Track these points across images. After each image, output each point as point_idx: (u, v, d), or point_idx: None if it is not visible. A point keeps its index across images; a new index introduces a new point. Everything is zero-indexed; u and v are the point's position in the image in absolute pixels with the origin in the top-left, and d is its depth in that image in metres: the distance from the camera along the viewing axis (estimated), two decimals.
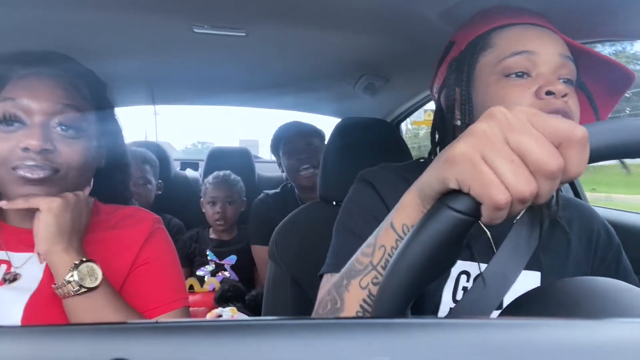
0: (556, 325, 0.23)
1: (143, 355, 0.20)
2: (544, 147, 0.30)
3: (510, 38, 0.61)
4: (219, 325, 0.22)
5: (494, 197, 0.30)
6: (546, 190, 0.31)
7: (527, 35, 0.60)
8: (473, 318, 0.24)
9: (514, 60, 0.59)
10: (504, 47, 0.61)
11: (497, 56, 0.61)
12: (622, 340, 0.22)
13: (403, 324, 0.23)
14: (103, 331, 0.22)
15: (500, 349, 0.21)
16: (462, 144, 0.33)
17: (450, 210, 0.32)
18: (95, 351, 0.20)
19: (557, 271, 0.66)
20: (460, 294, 0.63)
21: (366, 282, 0.44)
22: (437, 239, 0.32)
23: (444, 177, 0.34)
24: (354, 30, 0.94)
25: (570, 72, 0.60)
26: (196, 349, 0.20)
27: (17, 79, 0.62)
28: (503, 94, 0.59)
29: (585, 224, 0.71)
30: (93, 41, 0.68)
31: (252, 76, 1.39)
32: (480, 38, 0.64)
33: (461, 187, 0.33)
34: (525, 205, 0.32)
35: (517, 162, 0.31)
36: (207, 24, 0.90)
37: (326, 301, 0.49)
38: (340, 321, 0.24)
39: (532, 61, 0.59)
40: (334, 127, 1.06)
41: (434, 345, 0.21)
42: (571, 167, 0.31)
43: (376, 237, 0.46)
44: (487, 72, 0.62)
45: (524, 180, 0.30)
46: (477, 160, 0.32)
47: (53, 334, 0.21)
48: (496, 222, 0.32)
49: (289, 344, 0.21)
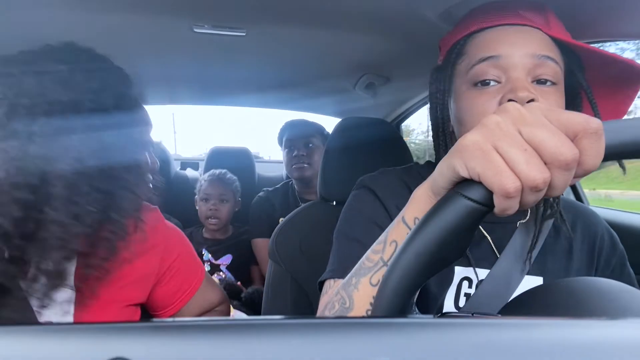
0: (557, 325, 0.23)
1: (143, 354, 0.20)
2: (558, 138, 0.30)
3: (480, 44, 0.59)
4: (219, 324, 0.22)
5: (503, 184, 0.30)
6: (561, 181, 0.31)
7: (497, 39, 0.57)
8: (473, 318, 0.24)
9: (480, 68, 0.57)
10: (473, 54, 0.59)
11: (467, 64, 0.59)
12: (623, 340, 0.22)
13: (403, 323, 0.23)
14: (103, 330, 0.22)
15: (501, 348, 0.21)
16: (474, 134, 0.33)
17: (463, 198, 0.32)
18: (95, 350, 0.20)
19: (559, 276, 0.65)
20: (462, 300, 0.62)
21: (377, 279, 0.44)
22: (448, 226, 0.32)
23: (454, 164, 0.34)
24: (354, 30, 0.94)
25: (549, 72, 0.55)
26: (196, 347, 0.20)
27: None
28: (469, 104, 0.57)
29: (589, 228, 0.70)
30: (92, 41, 0.67)
31: (252, 76, 1.39)
32: (455, 45, 0.63)
33: (471, 175, 0.32)
34: (539, 195, 0.31)
35: (530, 152, 0.31)
36: (207, 23, 0.90)
37: (333, 302, 0.49)
38: (341, 321, 0.24)
39: (500, 66, 0.56)
40: (334, 127, 1.06)
41: (434, 345, 0.21)
42: (587, 159, 0.30)
43: (387, 233, 0.45)
44: (460, 81, 0.61)
45: (537, 168, 0.30)
46: (488, 149, 0.32)
47: (53, 332, 0.21)
48: (508, 213, 0.32)
49: (288, 344, 0.21)
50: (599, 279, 0.39)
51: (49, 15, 0.84)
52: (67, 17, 0.85)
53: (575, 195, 1.35)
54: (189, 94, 1.72)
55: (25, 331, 0.22)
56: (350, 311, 0.45)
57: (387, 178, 0.71)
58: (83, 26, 0.89)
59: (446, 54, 0.65)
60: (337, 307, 0.47)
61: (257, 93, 1.65)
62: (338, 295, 0.48)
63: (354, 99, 1.57)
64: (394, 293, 0.33)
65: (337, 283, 0.59)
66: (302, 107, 2.01)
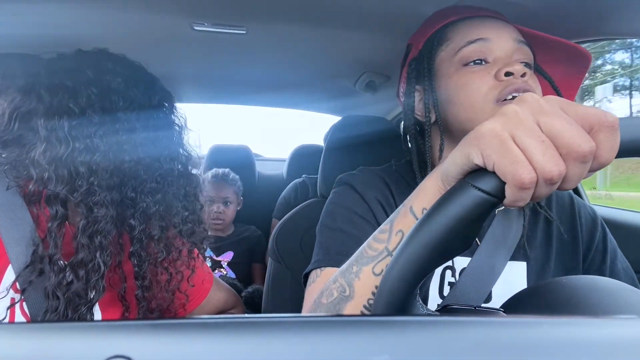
0: (557, 323, 0.23)
1: (143, 352, 0.20)
2: (576, 130, 0.30)
3: (464, 29, 0.62)
4: (219, 322, 0.22)
5: (519, 175, 0.30)
6: (576, 174, 0.31)
7: (480, 25, 0.62)
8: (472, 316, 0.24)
9: (469, 49, 0.60)
10: (459, 38, 0.62)
11: (453, 48, 0.62)
12: (624, 338, 0.22)
13: (403, 321, 0.23)
14: (104, 328, 0.22)
15: (500, 346, 0.21)
16: (492, 122, 0.33)
17: (473, 189, 0.31)
18: (96, 348, 0.20)
19: (542, 260, 0.66)
20: (446, 289, 0.63)
21: (380, 268, 0.43)
22: (456, 217, 0.31)
23: (469, 152, 0.33)
24: (355, 28, 0.93)
25: (526, 56, 0.61)
26: (196, 345, 0.20)
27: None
28: (464, 81, 0.59)
29: (565, 208, 0.71)
30: (92, 38, 0.67)
31: (252, 74, 1.38)
32: (435, 34, 0.65)
33: (485, 163, 0.32)
34: (552, 187, 0.31)
35: (547, 143, 0.30)
36: (207, 21, 0.90)
37: (331, 289, 0.48)
38: (341, 319, 0.24)
39: (488, 47, 0.60)
40: (334, 124, 1.06)
41: (433, 344, 0.21)
42: (602, 152, 0.30)
43: (392, 222, 0.45)
44: (446, 65, 0.63)
45: (553, 161, 0.30)
46: (505, 137, 0.31)
47: (54, 331, 0.21)
48: (518, 204, 0.31)
49: (289, 341, 0.21)
50: (599, 278, 0.39)
51: (46, 10, 0.83)
52: (66, 13, 0.85)
53: (575, 192, 1.35)
54: (189, 93, 1.72)
55: (26, 329, 0.22)
56: (351, 300, 0.45)
57: (365, 175, 0.72)
58: (80, 23, 0.88)
59: (425, 43, 0.67)
60: (335, 295, 0.47)
61: (257, 91, 1.65)
62: (337, 282, 0.47)
63: (354, 96, 1.57)
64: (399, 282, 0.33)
65: (325, 272, 0.59)
66: (302, 105, 2.01)
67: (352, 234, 0.62)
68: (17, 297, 0.56)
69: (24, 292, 0.55)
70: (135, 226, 0.63)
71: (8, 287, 0.55)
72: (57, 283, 0.56)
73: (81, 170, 0.57)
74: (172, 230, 0.68)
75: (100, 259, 0.58)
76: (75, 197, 0.57)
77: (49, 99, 0.58)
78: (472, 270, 0.60)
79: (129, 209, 0.63)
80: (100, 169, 0.58)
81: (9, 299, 0.56)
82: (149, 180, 0.64)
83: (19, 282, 0.55)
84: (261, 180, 2.16)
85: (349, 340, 0.21)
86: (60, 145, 0.56)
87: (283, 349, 0.20)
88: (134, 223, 0.63)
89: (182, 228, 0.69)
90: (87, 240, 0.57)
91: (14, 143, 0.58)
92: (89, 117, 0.58)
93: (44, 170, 0.56)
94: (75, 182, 0.57)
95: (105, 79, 0.62)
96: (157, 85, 0.70)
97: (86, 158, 0.57)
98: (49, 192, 0.56)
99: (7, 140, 0.58)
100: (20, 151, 0.57)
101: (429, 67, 0.64)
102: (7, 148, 0.58)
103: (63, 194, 0.56)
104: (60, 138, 0.56)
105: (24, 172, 0.57)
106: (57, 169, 0.56)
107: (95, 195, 0.57)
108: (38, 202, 0.58)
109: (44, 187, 0.56)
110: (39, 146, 0.56)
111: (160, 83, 0.71)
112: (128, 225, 0.63)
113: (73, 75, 0.60)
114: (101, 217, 0.58)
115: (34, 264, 0.55)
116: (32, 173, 0.56)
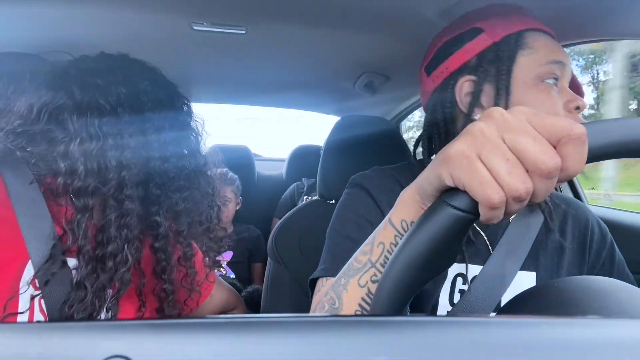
0: (555, 324, 0.23)
1: (142, 352, 0.20)
2: (540, 146, 0.30)
3: (547, 44, 0.62)
4: (218, 322, 0.22)
5: (488, 196, 0.30)
6: (543, 189, 0.31)
7: (557, 47, 0.62)
8: (471, 316, 0.24)
9: (552, 67, 0.60)
10: (543, 53, 0.61)
11: (537, 60, 0.61)
12: (621, 339, 0.22)
13: (401, 322, 0.23)
14: (103, 328, 0.22)
15: (499, 347, 0.21)
16: (459, 143, 0.33)
17: (450, 207, 0.32)
18: (95, 348, 0.20)
19: (552, 271, 0.66)
20: (457, 296, 0.63)
21: (365, 280, 0.44)
22: (436, 235, 0.32)
23: (439, 173, 0.34)
24: (354, 29, 0.93)
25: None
26: (195, 345, 0.20)
27: None
28: (543, 97, 0.60)
29: (579, 221, 0.71)
30: (90, 38, 0.67)
31: (251, 74, 1.38)
32: (517, 35, 0.62)
33: (456, 184, 0.33)
34: (522, 204, 0.32)
35: (512, 161, 0.31)
36: (207, 21, 0.90)
37: (323, 302, 0.49)
38: (339, 319, 0.24)
39: (562, 72, 0.61)
40: (334, 125, 1.06)
41: (432, 344, 0.21)
42: (570, 164, 0.31)
43: (374, 235, 0.45)
44: (525, 73, 0.61)
45: (519, 179, 0.30)
46: (473, 159, 0.32)
47: (53, 331, 0.21)
48: (494, 222, 0.32)
49: (287, 342, 0.21)
50: (598, 278, 0.39)
51: (45, 11, 0.83)
52: (65, 13, 0.85)
53: (572, 191, 1.35)
54: (188, 93, 1.72)
55: (26, 328, 0.22)
56: (340, 312, 0.46)
57: (380, 176, 0.71)
58: (80, 22, 0.88)
59: (504, 38, 0.63)
60: (326, 307, 0.48)
61: (257, 91, 1.65)
62: (328, 295, 0.48)
63: (353, 97, 1.57)
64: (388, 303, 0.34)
65: (329, 281, 0.59)
66: (302, 106, 2.01)
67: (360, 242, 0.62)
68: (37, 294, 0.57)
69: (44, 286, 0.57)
70: (161, 222, 0.65)
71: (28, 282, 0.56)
72: (87, 274, 0.58)
73: (111, 164, 0.59)
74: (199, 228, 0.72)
75: (128, 251, 0.60)
76: (107, 189, 0.59)
77: (80, 96, 0.60)
78: (484, 278, 0.60)
79: (153, 206, 0.65)
80: (130, 165, 0.60)
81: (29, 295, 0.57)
82: (177, 178, 0.66)
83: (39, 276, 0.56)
84: (260, 180, 2.16)
85: (347, 340, 0.21)
86: (91, 140, 0.58)
87: (282, 348, 0.20)
88: (160, 220, 0.65)
89: (208, 225, 0.73)
90: (117, 232, 0.59)
91: (41, 138, 0.59)
92: (119, 115, 0.60)
93: (74, 163, 0.57)
94: (106, 175, 0.59)
95: (133, 80, 0.65)
96: (176, 89, 0.74)
97: (116, 153, 0.59)
98: (77, 185, 0.58)
99: (34, 135, 0.59)
100: (48, 145, 0.59)
101: (509, 67, 0.61)
102: (32, 142, 0.59)
103: (93, 186, 0.58)
104: (91, 133, 0.58)
105: (50, 166, 0.58)
106: (87, 162, 0.58)
107: (126, 189, 0.60)
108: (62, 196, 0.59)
109: (72, 181, 0.58)
110: (70, 140, 0.58)
111: (178, 88, 0.74)
112: (154, 222, 0.65)
113: (103, 75, 0.63)
114: (130, 210, 0.60)
115: (55, 257, 0.56)
116: (61, 166, 0.57)
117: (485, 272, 0.60)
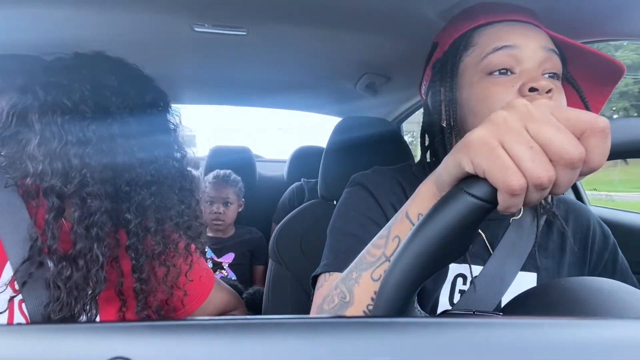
0: (557, 325, 0.23)
1: (143, 353, 0.20)
2: (565, 136, 0.30)
3: (492, 34, 0.59)
4: (219, 323, 0.22)
5: (508, 182, 0.30)
6: (566, 180, 0.31)
7: (509, 31, 0.58)
8: (473, 317, 0.24)
9: (495, 57, 0.57)
10: (485, 44, 0.59)
11: (479, 54, 0.59)
12: (624, 340, 0.22)
13: (403, 323, 0.23)
14: (104, 330, 0.22)
15: (501, 347, 0.21)
16: (481, 129, 0.33)
17: (467, 195, 0.32)
18: (96, 349, 0.20)
19: (553, 272, 0.65)
20: (457, 296, 0.62)
21: (378, 274, 0.43)
22: (450, 224, 0.31)
23: (460, 159, 0.34)
24: (355, 29, 0.93)
25: (555, 66, 0.57)
26: (196, 347, 0.20)
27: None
28: (487, 92, 0.57)
29: (581, 223, 0.70)
30: (92, 39, 0.68)
31: (253, 75, 1.39)
32: (462, 37, 0.63)
33: (476, 170, 0.32)
34: (543, 193, 0.31)
35: (536, 149, 0.30)
36: (208, 22, 0.90)
37: (332, 296, 0.48)
38: (341, 320, 0.24)
39: (515, 56, 0.56)
40: (335, 126, 1.06)
41: (434, 345, 0.21)
42: (592, 157, 0.30)
43: (390, 228, 0.45)
44: (471, 71, 0.60)
45: (542, 167, 0.30)
46: (494, 144, 0.31)
47: (54, 332, 0.21)
48: (511, 211, 0.32)
49: (289, 343, 0.21)
50: (599, 279, 0.39)
51: (46, 12, 0.84)
52: (66, 15, 0.85)
53: (575, 194, 1.35)
54: (189, 94, 1.72)
55: (27, 330, 0.22)
56: (351, 306, 0.45)
57: (380, 176, 0.71)
58: (81, 24, 0.89)
59: (450, 46, 0.64)
60: (336, 301, 0.47)
61: (258, 93, 1.65)
62: (337, 289, 0.48)
63: (354, 98, 1.57)
64: (396, 290, 0.33)
65: (333, 277, 0.59)
66: (303, 107, 2.01)
67: (363, 238, 0.60)
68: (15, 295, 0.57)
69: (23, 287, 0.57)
70: (131, 220, 0.64)
71: (6, 283, 0.57)
72: (58, 273, 0.57)
73: (74, 163, 0.58)
74: (169, 223, 0.70)
75: (98, 250, 0.60)
76: (69, 188, 0.58)
77: (43, 96, 0.60)
78: (484, 279, 0.60)
79: (124, 203, 0.64)
80: (92, 161, 0.59)
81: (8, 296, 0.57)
82: (144, 174, 0.65)
83: (17, 277, 0.56)
84: (262, 181, 2.16)
85: (349, 341, 0.21)
86: (54, 139, 0.58)
87: (283, 350, 0.20)
88: (129, 217, 0.64)
89: (178, 221, 0.71)
90: (84, 231, 0.59)
91: (11, 140, 0.59)
92: (81, 112, 0.60)
93: (39, 164, 0.57)
94: (69, 174, 0.58)
95: (99, 75, 0.64)
96: (150, 84, 0.72)
97: (79, 151, 0.59)
98: (45, 185, 0.58)
99: (5, 138, 0.60)
100: (17, 147, 0.59)
101: (452, 71, 0.62)
102: (5, 146, 0.60)
103: (58, 186, 0.58)
104: (54, 132, 0.58)
105: (21, 168, 0.58)
106: (52, 162, 0.58)
107: (87, 186, 0.59)
108: (36, 197, 0.60)
109: (40, 181, 0.58)
110: (34, 140, 0.58)
111: (154, 83, 0.72)
112: (124, 219, 0.65)
113: (69, 74, 0.62)
114: (95, 208, 0.59)
115: (32, 258, 0.57)
116: (29, 167, 0.57)
117: (486, 272, 0.60)
